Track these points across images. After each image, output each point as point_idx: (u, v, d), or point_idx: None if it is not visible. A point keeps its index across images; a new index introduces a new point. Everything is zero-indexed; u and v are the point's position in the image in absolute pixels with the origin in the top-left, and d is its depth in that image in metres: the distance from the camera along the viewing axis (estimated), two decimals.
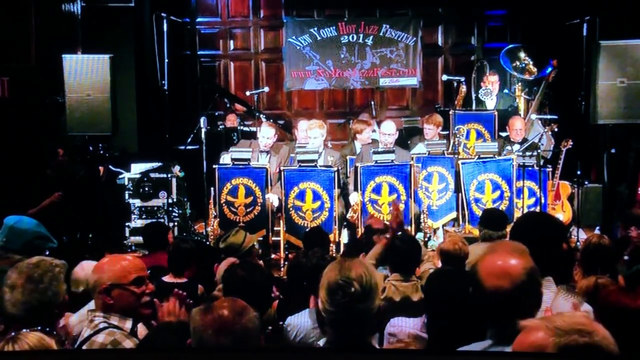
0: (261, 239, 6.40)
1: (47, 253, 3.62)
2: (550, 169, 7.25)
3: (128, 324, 2.78)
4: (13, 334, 2.44)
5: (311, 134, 6.92)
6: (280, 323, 3.39)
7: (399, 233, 4.20)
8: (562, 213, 7.23)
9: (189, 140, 8.08)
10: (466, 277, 3.24)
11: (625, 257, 4.29)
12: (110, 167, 6.97)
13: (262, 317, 3.10)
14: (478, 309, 2.17)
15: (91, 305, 3.46)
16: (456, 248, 4.22)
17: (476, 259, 2.23)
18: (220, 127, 8.75)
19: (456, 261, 4.18)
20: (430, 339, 2.94)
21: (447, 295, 2.97)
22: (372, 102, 9.75)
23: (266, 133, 6.92)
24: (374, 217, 6.17)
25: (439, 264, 4.36)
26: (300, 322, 3.33)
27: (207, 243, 6.53)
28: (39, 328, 2.56)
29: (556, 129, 7.40)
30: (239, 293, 2.86)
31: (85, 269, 3.70)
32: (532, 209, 6.69)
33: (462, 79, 8.52)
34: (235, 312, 2.10)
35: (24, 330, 2.48)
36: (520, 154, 6.94)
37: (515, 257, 2.13)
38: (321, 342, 2.39)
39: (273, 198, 6.54)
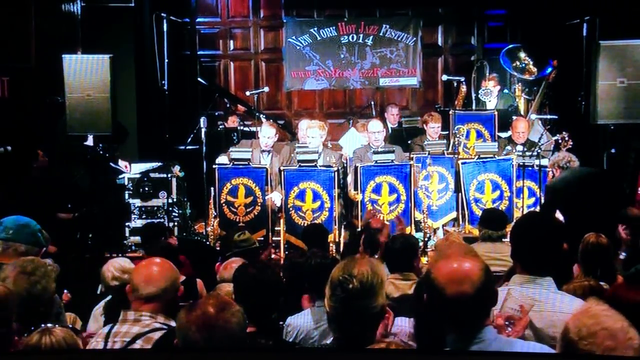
0: (261, 238, 6.41)
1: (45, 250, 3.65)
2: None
3: (173, 323, 2.75)
4: (43, 326, 2.50)
5: (310, 133, 6.93)
6: (280, 323, 3.39)
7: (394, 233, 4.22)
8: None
9: (189, 140, 8.08)
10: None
11: (621, 256, 4.28)
12: (111, 164, 6.96)
13: (274, 316, 3.11)
14: (440, 316, 2.14)
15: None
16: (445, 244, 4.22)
17: (428, 268, 2.20)
18: (221, 127, 8.75)
19: None
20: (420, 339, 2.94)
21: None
22: (372, 102, 9.76)
23: (267, 133, 6.91)
24: (373, 214, 6.17)
25: None
26: (301, 323, 3.33)
27: (207, 243, 6.53)
28: (70, 326, 2.61)
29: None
30: (250, 293, 2.87)
31: (117, 266, 3.78)
32: (532, 209, 6.69)
33: (462, 79, 8.52)
34: (217, 308, 2.11)
35: (51, 324, 2.54)
36: (520, 153, 6.93)
37: (470, 260, 2.11)
38: (322, 343, 2.40)
39: (275, 197, 6.55)
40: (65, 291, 4.33)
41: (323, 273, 2.35)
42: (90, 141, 6.51)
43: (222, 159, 6.92)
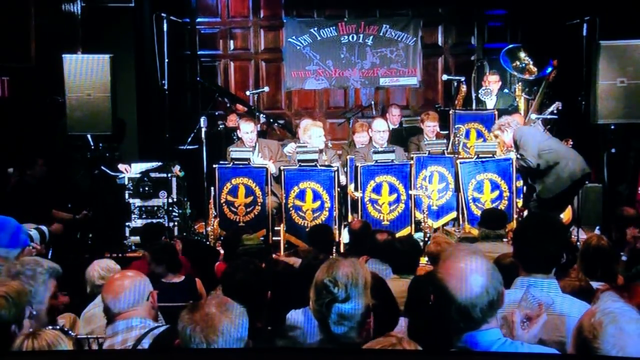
0: (263, 238, 6.41)
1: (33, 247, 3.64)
2: None
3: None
4: (31, 330, 2.47)
5: (313, 132, 6.95)
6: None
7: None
8: (562, 213, 7.22)
9: (189, 140, 8.08)
10: None
11: (623, 258, 4.28)
12: (106, 170, 6.96)
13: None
14: (447, 316, 2.11)
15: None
16: (439, 249, 4.22)
17: (435, 268, 2.17)
18: (221, 126, 8.75)
19: None
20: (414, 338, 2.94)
21: (428, 297, 2.97)
22: (372, 102, 9.76)
23: (246, 128, 6.94)
24: (355, 219, 6.22)
25: None
26: (300, 319, 3.33)
27: (207, 243, 6.53)
28: (58, 327, 2.57)
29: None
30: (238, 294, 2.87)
31: (103, 266, 3.79)
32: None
33: (462, 78, 8.53)
34: (221, 308, 2.12)
35: (49, 327, 2.51)
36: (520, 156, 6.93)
37: (477, 259, 2.09)
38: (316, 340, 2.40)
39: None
40: (64, 293, 4.32)
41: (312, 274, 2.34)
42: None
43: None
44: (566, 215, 7.22)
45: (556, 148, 6.55)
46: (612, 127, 6.28)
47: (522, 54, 8.54)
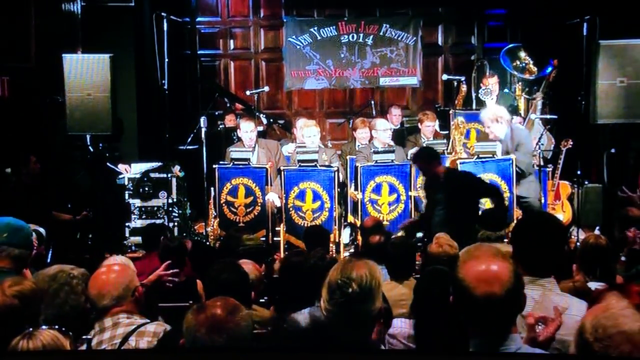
0: (264, 238, 6.41)
1: (35, 249, 3.62)
2: (551, 169, 7.25)
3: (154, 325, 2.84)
4: (29, 330, 2.45)
5: (307, 132, 6.95)
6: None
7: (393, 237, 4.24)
8: (562, 213, 7.23)
9: (189, 140, 8.08)
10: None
11: (622, 258, 4.29)
12: (110, 165, 6.96)
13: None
14: (466, 318, 2.06)
15: None
16: (440, 251, 4.21)
17: (456, 268, 2.11)
18: (221, 126, 8.75)
19: (444, 264, 4.19)
20: (418, 340, 2.93)
21: (433, 296, 2.97)
22: (372, 102, 9.76)
23: (246, 127, 6.94)
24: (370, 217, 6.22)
25: None
26: (300, 320, 3.33)
27: (207, 243, 6.54)
28: (56, 327, 2.52)
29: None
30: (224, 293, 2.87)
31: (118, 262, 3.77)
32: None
33: (462, 78, 8.53)
34: (227, 311, 2.12)
35: (43, 327, 2.47)
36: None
37: (500, 261, 2.05)
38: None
39: (273, 197, 6.56)
40: None
41: (320, 275, 2.34)
42: None
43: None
44: (566, 216, 7.23)
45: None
46: (612, 127, 6.27)
47: (522, 54, 8.53)
